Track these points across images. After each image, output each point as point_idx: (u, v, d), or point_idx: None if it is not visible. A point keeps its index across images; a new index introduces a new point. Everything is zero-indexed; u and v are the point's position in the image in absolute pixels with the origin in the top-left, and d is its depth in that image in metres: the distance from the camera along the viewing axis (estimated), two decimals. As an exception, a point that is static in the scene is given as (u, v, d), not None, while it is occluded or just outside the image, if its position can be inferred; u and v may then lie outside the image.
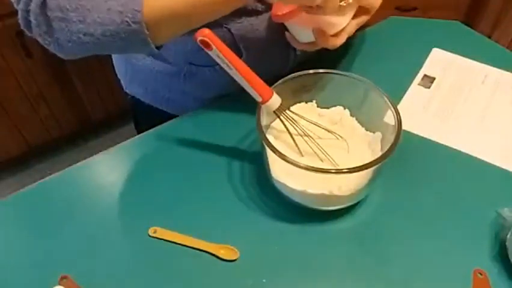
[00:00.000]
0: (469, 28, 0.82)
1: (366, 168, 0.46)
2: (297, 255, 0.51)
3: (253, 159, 0.59)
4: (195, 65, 0.66)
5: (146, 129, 0.65)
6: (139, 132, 0.64)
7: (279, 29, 0.62)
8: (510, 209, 0.52)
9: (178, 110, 0.73)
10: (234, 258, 0.50)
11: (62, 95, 1.55)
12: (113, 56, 0.78)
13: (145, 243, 0.51)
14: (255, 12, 0.61)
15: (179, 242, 0.51)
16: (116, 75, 0.80)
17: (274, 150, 0.47)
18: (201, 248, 0.50)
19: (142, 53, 0.56)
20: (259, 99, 0.51)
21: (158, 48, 0.54)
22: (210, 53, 0.48)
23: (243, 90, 0.51)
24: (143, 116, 0.80)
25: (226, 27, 0.61)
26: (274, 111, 0.52)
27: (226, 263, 0.50)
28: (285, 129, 0.54)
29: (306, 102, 0.60)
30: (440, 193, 0.56)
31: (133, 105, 0.80)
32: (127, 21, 0.49)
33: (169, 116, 0.67)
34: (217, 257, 0.50)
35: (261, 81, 0.50)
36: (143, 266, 0.50)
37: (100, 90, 1.63)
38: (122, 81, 0.79)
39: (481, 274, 0.48)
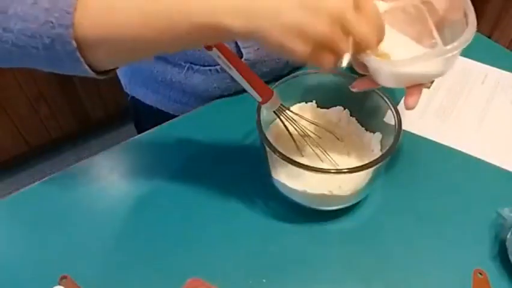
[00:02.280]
0: (469, 28, 0.82)
1: (366, 168, 0.46)
2: (297, 255, 0.51)
3: (253, 159, 0.59)
4: (196, 65, 0.66)
5: (147, 130, 0.64)
6: (139, 133, 0.64)
7: None
8: (510, 209, 0.52)
9: (178, 111, 0.73)
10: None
11: (62, 95, 1.55)
12: None
13: (146, 243, 0.51)
14: None
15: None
16: (116, 75, 0.80)
17: (274, 150, 0.47)
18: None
19: (78, 74, 0.42)
20: (259, 99, 0.51)
21: (101, 73, 0.43)
22: (210, 53, 0.48)
23: (243, 90, 0.51)
24: (144, 117, 0.80)
25: None
26: (274, 111, 0.52)
27: (226, 262, 0.50)
28: (285, 129, 0.54)
29: (306, 102, 0.60)
30: (440, 193, 0.56)
31: (134, 106, 0.80)
32: (51, 22, 0.37)
33: (169, 117, 0.67)
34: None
35: (261, 81, 0.50)
36: (144, 266, 0.50)
37: (100, 90, 1.63)
38: (122, 82, 0.79)
39: (481, 274, 0.48)
